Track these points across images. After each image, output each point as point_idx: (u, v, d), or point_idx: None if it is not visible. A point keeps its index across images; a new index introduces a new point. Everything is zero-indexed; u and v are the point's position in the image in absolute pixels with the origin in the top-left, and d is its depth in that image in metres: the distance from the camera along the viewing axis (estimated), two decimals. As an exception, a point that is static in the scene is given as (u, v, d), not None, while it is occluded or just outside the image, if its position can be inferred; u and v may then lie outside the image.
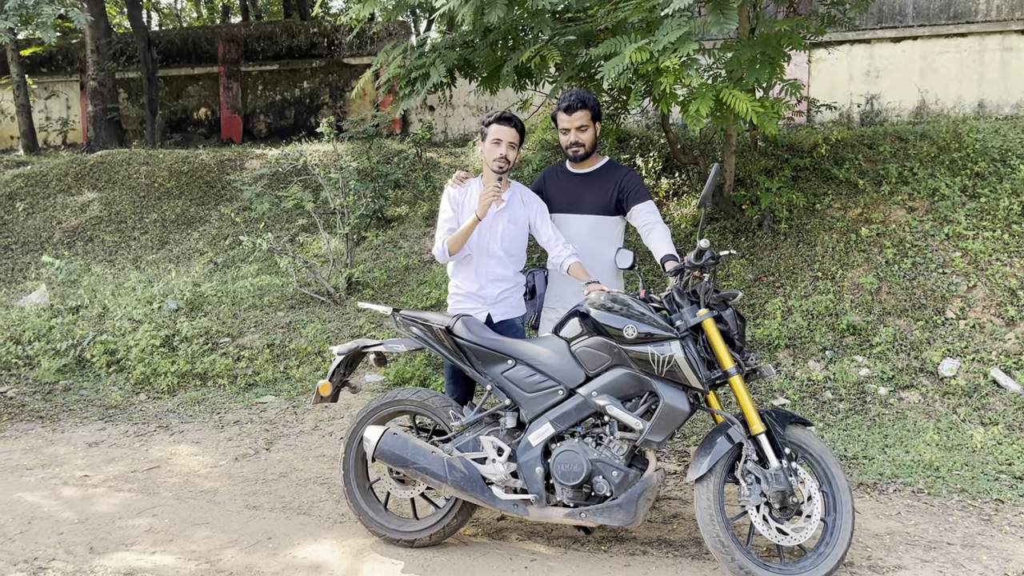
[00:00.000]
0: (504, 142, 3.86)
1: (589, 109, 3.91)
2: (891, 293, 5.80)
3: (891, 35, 10.63)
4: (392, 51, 6.19)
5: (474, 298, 3.94)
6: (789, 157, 7.11)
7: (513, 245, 3.96)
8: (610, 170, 4.04)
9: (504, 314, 3.95)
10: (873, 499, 4.12)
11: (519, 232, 3.97)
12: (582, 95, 3.93)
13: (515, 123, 3.89)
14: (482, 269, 3.94)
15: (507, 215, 3.95)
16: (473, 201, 3.94)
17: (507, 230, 3.93)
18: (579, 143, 3.93)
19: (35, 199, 10.23)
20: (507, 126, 3.87)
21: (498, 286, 3.94)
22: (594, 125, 3.96)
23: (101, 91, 12.80)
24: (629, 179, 3.98)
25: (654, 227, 3.91)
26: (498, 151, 3.86)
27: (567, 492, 3.35)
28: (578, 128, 3.91)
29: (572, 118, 3.90)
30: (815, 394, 5.30)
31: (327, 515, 4.03)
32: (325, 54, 13.99)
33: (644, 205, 3.94)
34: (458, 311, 3.91)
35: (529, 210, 3.99)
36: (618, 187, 3.96)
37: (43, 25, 8.57)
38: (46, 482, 4.52)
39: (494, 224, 3.93)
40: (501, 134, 3.86)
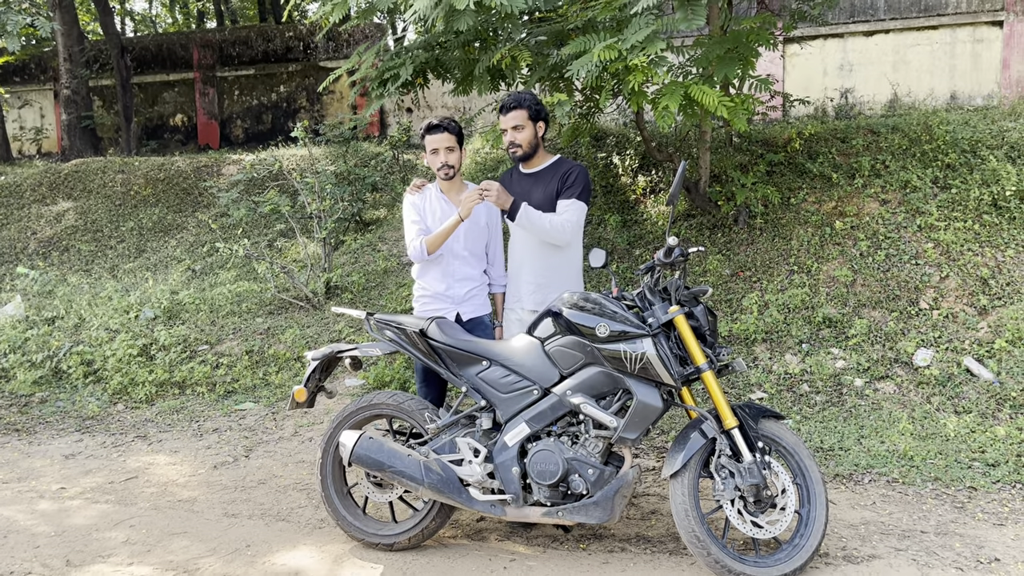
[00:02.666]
0: (441, 149, 3.90)
1: (525, 108, 3.89)
2: (866, 285, 5.86)
3: (863, 29, 10.72)
4: (365, 52, 6.18)
5: (442, 298, 3.98)
6: (764, 152, 7.15)
7: (476, 245, 4.04)
8: (556, 167, 4.00)
9: (472, 312, 4.00)
10: (849, 490, 4.16)
11: (480, 232, 4.04)
12: (518, 95, 3.92)
13: (445, 127, 3.90)
14: (449, 269, 3.99)
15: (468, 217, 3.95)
16: (432, 205, 4.01)
17: (469, 231, 4.00)
18: (515, 143, 3.94)
19: (9, 210, 10.14)
20: (438, 133, 3.90)
21: (464, 285, 3.99)
22: (533, 124, 3.93)
23: (75, 99, 12.70)
24: (569, 175, 3.93)
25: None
26: (439, 160, 3.91)
27: (544, 491, 3.36)
28: (514, 128, 3.91)
29: (507, 118, 3.92)
30: (792, 387, 5.34)
31: (306, 521, 4.02)
32: (301, 58, 13.94)
33: (565, 201, 3.88)
34: (426, 312, 3.96)
35: (488, 211, 4.08)
36: (562, 179, 3.92)
37: (9, 35, 8.49)
38: (22, 495, 4.48)
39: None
40: (435, 143, 3.90)
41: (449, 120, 3.93)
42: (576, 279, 4.05)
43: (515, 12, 4.96)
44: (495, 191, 3.71)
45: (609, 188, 7.51)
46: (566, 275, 3.99)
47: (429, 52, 5.90)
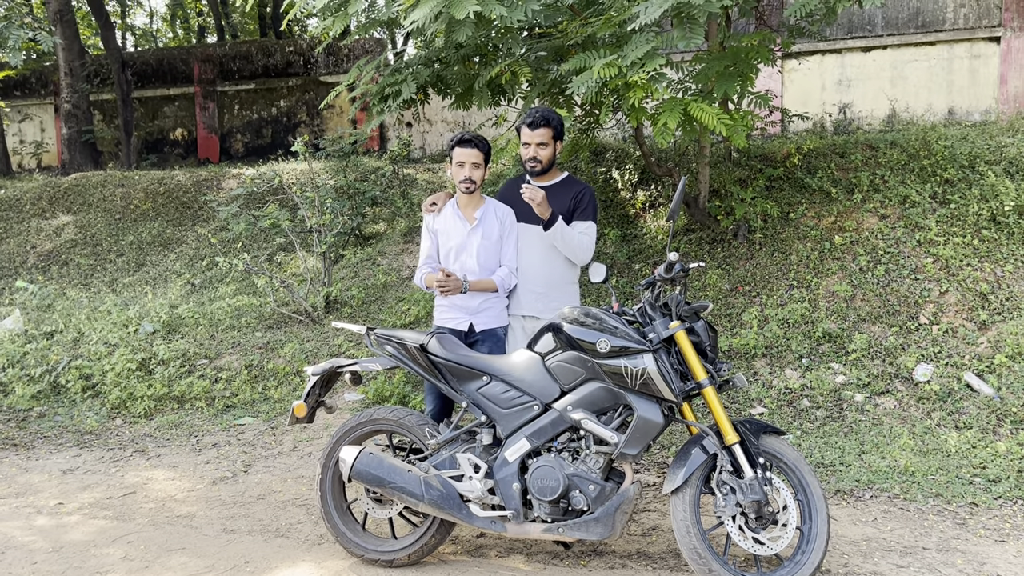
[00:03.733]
0: (468, 163, 3.99)
1: (552, 128, 4.03)
2: (865, 300, 5.86)
3: (861, 45, 10.77)
4: (365, 67, 6.21)
5: (456, 308, 4.06)
6: (763, 167, 7.17)
7: (489, 260, 4.07)
8: (568, 185, 4.15)
9: (486, 324, 4.05)
10: (850, 506, 4.15)
11: (493, 247, 4.08)
12: (547, 113, 4.03)
13: (476, 143, 4.00)
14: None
15: (481, 232, 4.06)
16: (447, 223, 4.11)
17: (482, 246, 4.05)
18: (537, 159, 4.06)
19: (8, 223, 10.14)
20: (468, 147, 3.99)
21: (478, 297, 4.04)
22: (554, 143, 4.08)
23: (75, 113, 12.73)
24: (584, 195, 4.10)
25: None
26: (463, 173, 4.01)
27: (544, 507, 3.35)
28: (538, 144, 4.03)
29: (534, 134, 4.02)
30: (792, 402, 5.33)
31: (305, 537, 4.00)
32: (301, 72, 14.00)
33: (582, 224, 4.06)
34: (444, 321, 4.07)
35: (502, 226, 4.11)
36: (574, 200, 4.08)
37: (11, 49, 8.52)
38: (20, 511, 4.46)
39: (469, 242, 4.05)
40: (463, 156, 3.99)
41: (480, 138, 4.03)
42: (575, 292, 4.18)
43: (515, 25, 4.98)
44: (540, 198, 3.82)
45: (609, 203, 7.52)
46: (567, 288, 4.12)
47: (430, 68, 5.93)
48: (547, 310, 4.05)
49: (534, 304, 4.08)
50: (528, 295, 4.10)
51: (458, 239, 4.07)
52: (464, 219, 4.09)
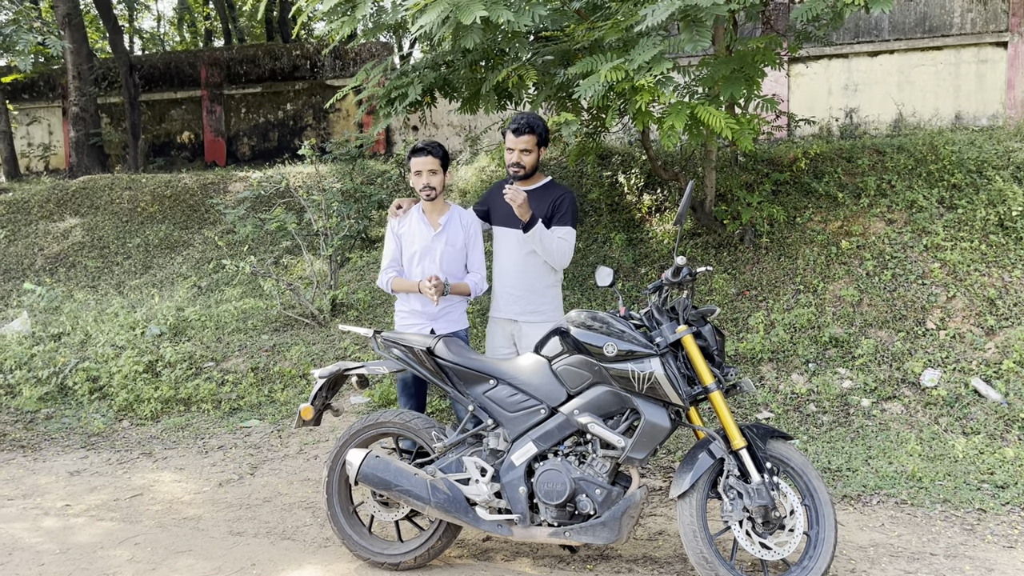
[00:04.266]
0: (424, 171, 4.08)
1: (536, 134, 4.07)
2: (872, 305, 5.85)
3: (868, 49, 10.76)
4: (372, 70, 6.22)
5: (418, 314, 4.17)
6: (769, 172, 7.17)
7: (452, 265, 4.17)
8: (549, 189, 4.20)
9: (446, 328, 4.13)
10: (857, 511, 4.14)
11: (457, 254, 4.19)
12: (532, 120, 4.07)
13: (430, 150, 4.08)
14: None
15: (445, 238, 4.16)
16: (411, 228, 4.20)
17: (445, 252, 4.15)
18: (520, 164, 4.11)
19: (16, 226, 10.19)
20: (423, 156, 4.08)
21: (440, 302, 4.10)
22: (538, 150, 4.13)
23: (83, 116, 12.78)
24: (563, 200, 4.14)
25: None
26: (421, 181, 4.11)
27: (551, 511, 3.35)
28: (522, 150, 4.08)
29: (519, 140, 4.06)
30: (799, 407, 5.32)
31: (312, 540, 4.00)
32: (308, 76, 14.03)
33: (561, 229, 4.09)
34: (405, 327, 4.18)
35: (467, 233, 4.21)
36: (553, 205, 4.11)
37: (20, 53, 8.56)
38: (27, 512, 4.47)
39: (432, 247, 4.15)
40: (419, 165, 4.09)
41: (434, 144, 4.10)
42: (555, 296, 4.24)
43: (522, 30, 4.99)
44: (522, 199, 3.88)
45: (615, 207, 7.53)
46: (545, 291, 4.20)
47: (436, 71, 5.94)
48: (524, 313, 4.14)
49: (511, 307, 4.18)
50: (506, 298, 4.20)
51: (422, 244, 4.16)
52: (429, 224, 4.18)
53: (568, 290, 6.76)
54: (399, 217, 4.26)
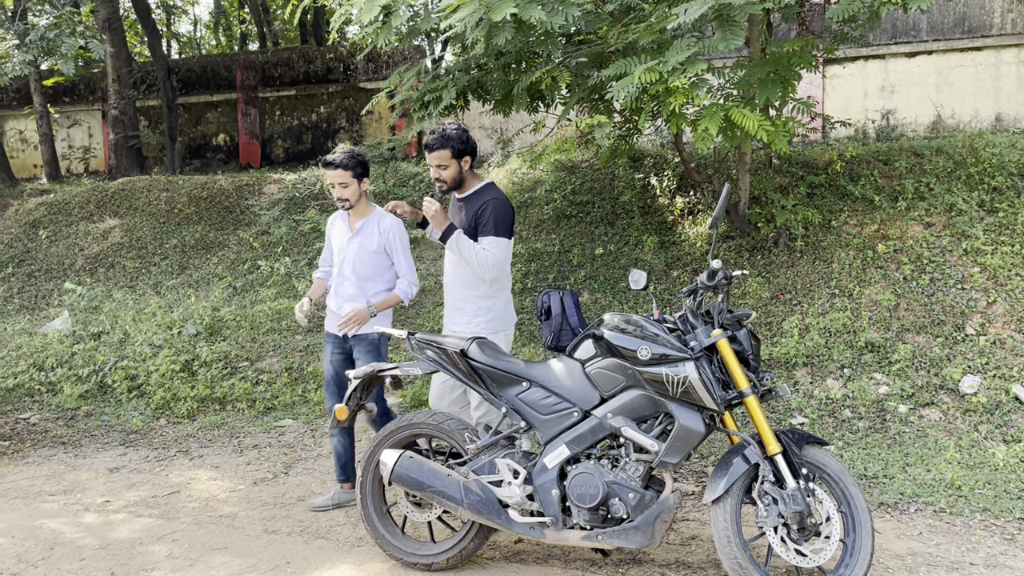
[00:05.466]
0: (336, 184, 4.17)
1: (448, 149, 3.99)
2: (909, 309, 5.76)
3: (906, 50, 10.60)
4: (405, 74, 6.27)
5: (334, 316, 4.34)
6: (804, 174, 7.10)
7: (364, 268, 4.25)
8: (479, 195, 4.08)
9: (357, 330, 4.21)
10: (894, 519, 4.08)
11: (371, 257, 4.24)
12: (442, 136, 3.98)
13: (339, 164, 4.13)
14: (340, 290, 4.33)
15: (357, 241, 4.25)
16: (335, 229, 4.39)
17: (357, 255, 4.25)
18: (440, 179, 4.08)
19: (58, 227, 10.39)
20: (331, 169, 4.16)
21: (350, 306, 4.22)
22: (457, 162, 4.03)
23: (122, 119, 13.00)
24: (484, 209, 3.99)
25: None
26: (335, 193, 4.21)
27: (583, 514, 3.35)
28: (437, 166, 4.04)
29: (432, 156, 4.04)
30: (834, 412, 5.26)
31: (345, 539, 4.04)
32: (341, 79, 14.15)
33: (485, 239, 3.96)
34: (327, 326, 4.38)
35: (384, 237, 4.25)
36: (476, 214, 4.01)
37: (64, 56, 8.74)
38: (68, 508, 4.56)
39: (348, 249, 4.28)
40: (329, 178, 4.20)
41: (346, 156, 4.14)
42: (492, 307, 4.09)
43: (554, 29, 4.99)
44: (434, 210, 3.90)
45: (647, 209, 7.50)
46: (481, 302, 4.07)
47: (469, 74, 5.97)
48: (464, 323, 4.06)
49: (451, 317, 4.17)
50: (449, 308, 4.23)
51: (339, 245, 4.32)
52: (348, 226, 4.31)
53: (600, 293, 6.75)
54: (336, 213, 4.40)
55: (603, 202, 7.73)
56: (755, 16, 5.55)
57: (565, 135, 7.17)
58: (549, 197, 7.96)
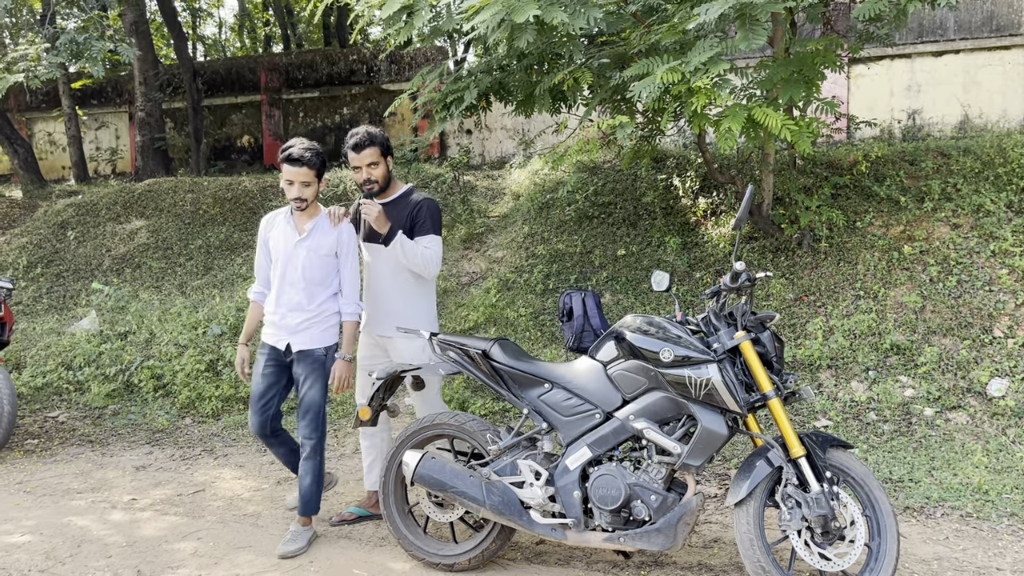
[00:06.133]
0: (297, 183, 3.82)
1: (378, 146, 3.94)
2: (936, 312, 5.70)
3: (932, 49, 10.48)
4: (428, 75, 6.30)
5: (276, 326, 3.96)
6: (828, 175, 7.04)
7: (316, 273, 3.91)
8: (406, 199, 4.04)
9: (303, 344, 3.91)
10: (920, 523, 4.04)
11: (321, 261, 3.92)
12: (370, 132, 3.94)
13: (304, 161, 3.78)
14: (283, 298, 3.93)
15: (308, 244, 3.91)
16: (278, 232, 3.97)
17: (307, 259, 3.89)
18: (372, 179, 3.96)
19: (86, 227, 10.53)
20: (295, 166, 3.79)
21: (296, 316, 3.90)
22: (385, 160, 3.99)
23: (149, 121, 13.15)
24: (421, 209, 3.98)
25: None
26: (292, 192, 3.84)
27: (605, 516, 3.34)
28: (369, 165, 3.94)
29: (361, 156, 3.92)
30: (858, 415, 5.21)
31: (367, 538, 4.06)
32: (364, 81, 14.22)
33: (425, 237, 3.95)
34: (266, 337, 3.98)
35: (337, 241, 3.95)
36: (411, 216, 3.97)
37: (92, 59, 8.85)
38: (95, 505, 4.63)
39: (295, 253, 3.90)
40: (291, 175, 3.81)
41: (311, 153, 3.82)
42: (429, 308, 4.13)
43: (576, 32, 4.99)
44: (376, 212, 3.80)
45: (669, 210, 7.47)
46: (419, 303, 4.08)
47: (491, 75, 5.98)
48: (395, 328, 3.99)
49: (385, 322, 4.06)
50: (380, 314, 4.08)
51: (283, 248, 3.92)
52: (295, 228, 3.94)
53: (621, 294, 6.73)
54: (266, 219, 4.06)
55: (625, 203, 7.71)
56: (778, 16, 5.51)
57: (587, 136, 7.16)
58: (571, 198, 7.96)
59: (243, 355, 4.06)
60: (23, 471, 5.30)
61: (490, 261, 7.76)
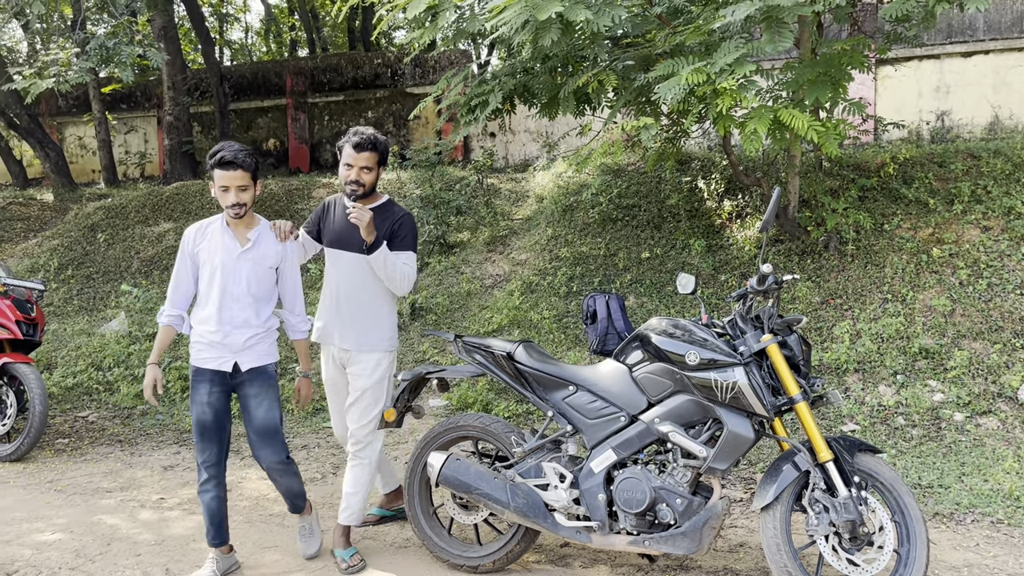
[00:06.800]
0: (232, 188, 3.48)
1: (378, 152, 3.79)
2: (965, 315, 5.62)
3: (961, 50, 10.35)
4: (452, 78, 6.32)
5: (218, 347, 3.55)
6: (855, 177, 6.97)
7: (260, 288, 3.60)
8: (386, 211, 3.86)
9: (254, 361, 3.60)
10: (950, 530, 3.98)
11: (266, 274, 3.63)
12: (376, 137, 3.79)
13: (239, 164, 3.46)
14: (226, 315, 3.54)
15: (252, 256, 3.59)
16: (212, 243, 3.58)
17: (252, 272, 3.58)
18: (359, 182, 3.77)
19: (115, 230, 10.68)
20: (230, 170, 3.46)
21: (243, 332, 3.56)
22: (378, 168, 3.84)
23: (176, 125, 13.31)
24: (402, 223, 3.84)
25: None
26: (228, 198, 3.49)
27: (630, 519, 3.33)
28: (362, 168, 3.76)
29: (360, 156, 3.74)
30: (886, 420, 5.15)
31: (392, 540, 4.08)
32: (388, 84, 14.30)
33: (404, 254, 3.80)
34: (201, 360, 3.57)
35: (280, 255, 3.67)
36: (391, 228, 3.81)
37: (122, 64, 8.98)
38: (124, 504, 4.68)
39: (238, 266, 3.56)
40: (225, 180, 3.47)
41: (244, 154, 3.49)
42: (393, 323, 3.96)
43: (601, 31, 4.98)
44: (368, 219, 3.58)
45: (694, 212, 7.44)
46: (384, 318, 3.90)
47: (516, 78, 6.00)
48: (359, 341, 3.83)
49: (346, 335, 3.85)
50: (339, 325, 3.86)
51: (224, 261, 3.54)
52: (235, 239, 3.58)
53: (645, 297, 6.71)
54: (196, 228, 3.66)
55: (650, 205, 7.69)
56: (805, 17, 5.48)
57: (611, 138, 7.15)
58: (595, 200, 7.95)
59: (157, 375, 3.61)
60: (54, 470, 5.38)
61: (514, 263, 7.76)
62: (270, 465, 3.64)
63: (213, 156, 3.48)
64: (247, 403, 3.59)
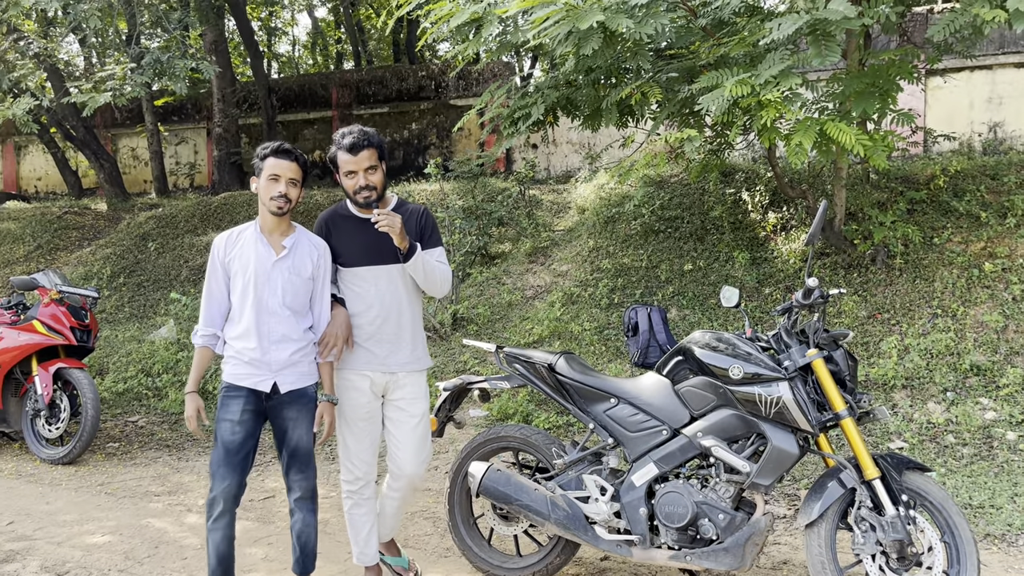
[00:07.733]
0: (284, 178, 3.26)
1: (376, 147, 3.38)
2: (1019, 331, 5.48)
3: (1015, 60, 10.13)
4: (496, 91, 6.37)
5: (258, 364, 3.26)
6: (904, 190, 6.85)
7: (297, 300, 3.32)
8: (404, 210, 3.51)
9: (295, 383, 3.32)
10: (1001, 551, 3.88)
11: (303, 285, 3.34)
12: (364, 133, 3.38)
13: (296, 155, 3.31)
14: (264, 329, 3.26)
15: (288, 264, 3.31)
16: (245, 251, 3.31)
17: (289, 283, 3.30)
18: (370, 186, 3.37)
19: (165, 239, 10.93)
20: (287, 159, 3.27)
21: (285, 348, 3.28)
22: (381, 165, 3.43)
23: (225, 137, 13.61)
24: (426, 218, 3.54)
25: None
26: (277, 188, 3.26)
27: (671, 534, 3.31)
28: (366, 170, 3.35)
29: (358, 159, 3.33)
30: (935, 438, 5.04)
31: (432, 549, 4.10)
32: (432, 96, 14.45)
33: (436, 251, 3.50)
34: (235, 377, 3.28)
35: (316, 266, 3.38)
36: (419, 226, 3.50)
37: (175, 77, 9.22)
38: (172, 508, 4.78)
39: (273, 276, 3.28)
40: (279, 169, 3.25)
41: (300, 152, 3.35)
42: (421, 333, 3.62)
43: (644, 40, 4.98)
44: (400, 224, 3.24)
45: (737, 225, 7.37)
46: (419, 327, 3.59)
47: (559, 91, 6.02)
48: (409, 363, 3.50)
49: (393, 355, 3.47)
50: (382, 347, 3.47)
51: (258, 269, 3.27)
52: (269, 247, 3.31)
53: (688, 309, 6.66)
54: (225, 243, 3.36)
55: (692, 217, 7.64)
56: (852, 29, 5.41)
57: (654, 150, 7.13)
58: (637, 212, 7.92)
59: (199, 404, 3.38)
60: (105, 473, 5.52)
61: (555, 275, 7.77)
62: (303, 493, 3.37)
63: (265, 147, 3.31)
64: (283, 424, 3.32)
